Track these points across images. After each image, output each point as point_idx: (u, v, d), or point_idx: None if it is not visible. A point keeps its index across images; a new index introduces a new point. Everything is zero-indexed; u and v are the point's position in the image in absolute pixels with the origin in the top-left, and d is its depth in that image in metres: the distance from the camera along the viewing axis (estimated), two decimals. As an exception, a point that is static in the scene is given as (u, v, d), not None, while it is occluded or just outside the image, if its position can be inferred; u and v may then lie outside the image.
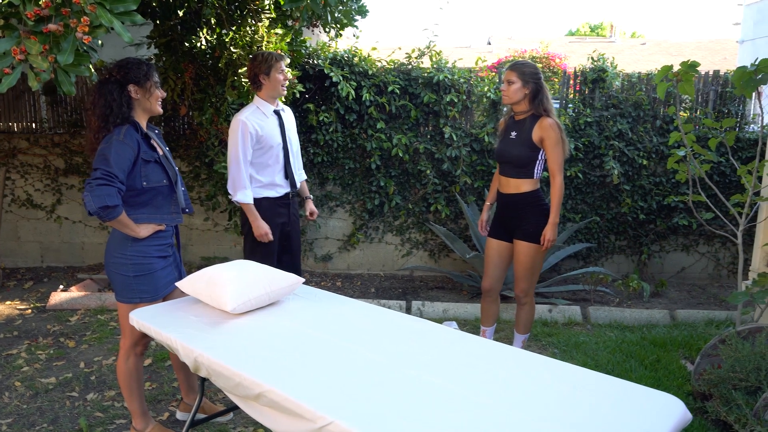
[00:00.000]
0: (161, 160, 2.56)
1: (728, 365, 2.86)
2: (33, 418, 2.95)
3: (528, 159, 3.23)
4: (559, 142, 3.17)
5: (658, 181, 5.35)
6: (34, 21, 1.69)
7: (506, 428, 1.57)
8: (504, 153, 3.31)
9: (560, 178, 3.19)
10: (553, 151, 3.18)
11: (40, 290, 5.03)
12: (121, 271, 2.50)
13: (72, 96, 5.58)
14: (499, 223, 3.42)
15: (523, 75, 3.19)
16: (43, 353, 3.73)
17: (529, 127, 3.22)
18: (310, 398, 1.70)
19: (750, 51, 14.67)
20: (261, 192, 3.34)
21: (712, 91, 5.39)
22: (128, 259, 2.49)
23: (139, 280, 2.51)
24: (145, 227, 2.50)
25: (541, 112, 3.21)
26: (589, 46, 23.34)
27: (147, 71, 2.49)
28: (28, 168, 5.60)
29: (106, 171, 2.30)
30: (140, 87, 2.49)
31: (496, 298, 3.53)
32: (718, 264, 5.55)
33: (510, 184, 3.31)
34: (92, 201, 2.26)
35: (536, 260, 3.32)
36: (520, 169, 3.26)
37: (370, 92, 5.13)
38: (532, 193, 3.28)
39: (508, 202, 3.34)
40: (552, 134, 3.16)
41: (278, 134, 3.33)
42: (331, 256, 5.64)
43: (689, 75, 3.32)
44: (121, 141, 2.38)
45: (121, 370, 2.62)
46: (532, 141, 3.20)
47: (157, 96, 2.56)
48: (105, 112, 2.40)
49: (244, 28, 4.29)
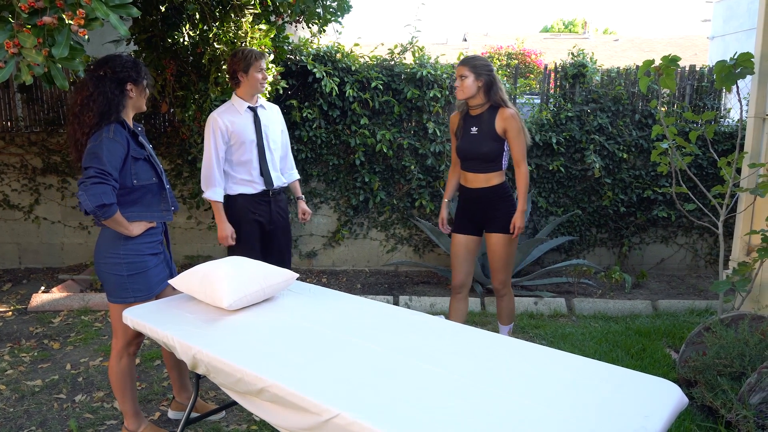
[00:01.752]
0: (150, 158, 2.53)
1: (713, 352, 2.93)
2: (20, 422, 2.89)
3: (497, 152, 3.24)
4: (521, 131, 3.21)
5: (638, 174, 5.45)
6: (28, 13, 1.65)
7: (511, 414, 1.59)
8: (471, 150, 3.28)
9: (525, 166, 3.25)
10: (516, 140, 3.20)
11: (20, 292, 4.93)
12: (114, 270, 2.46)
13: (48, 93, 5.47)
14: (466, 218, 3.41)
15: (475, 68, 3.18)
16: (27, 356, 3.66)
17: (489, 119, 3.23)
18: (314, 391, 1.70)
19: (720, 47, 15.01)
20: (236, 188, 3.33)
21: (689, 86, 5.50)
22: (122, 258, 2.46)
23: (133, 279, 2.48)
24: (137, 225, 2.47)
25: (499, 103, 3.22)
26: (563, 42, 23.62)
27: (144, 71, 2.50)
28: (4, 168, 5.47)
29: (99, 169, 2.26)
30: (136, 86, 2.47)
31: (465, 295, 3.47)
32: (696, 255, 5.67)
33: (478, 178, 3.31)
34: (88, 200, 2.23)
35: (512, 250, 3.36)
36: (489, 164, 3.26)
37: (353, 88, 5.12)
38: (501, 186, 3.31)
39: (477, 196, 3.33)
40: (514, 124, 3.18)
41: (252, 131, 3.30)
42: (316, 253, 5.63)
43: (670, 69, 3.38)
44: (111, 139, 2.35)
45: (114, 371, 2.59)
46: (496, 133, 3.21)
47: (147, 95, 2.57)
48: (103, 109, 2.36)
49: (228, 24, 4.25)
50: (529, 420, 1.57)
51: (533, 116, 5.49)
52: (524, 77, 10.71)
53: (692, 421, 2.79)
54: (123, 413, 2.66)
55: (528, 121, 5.41)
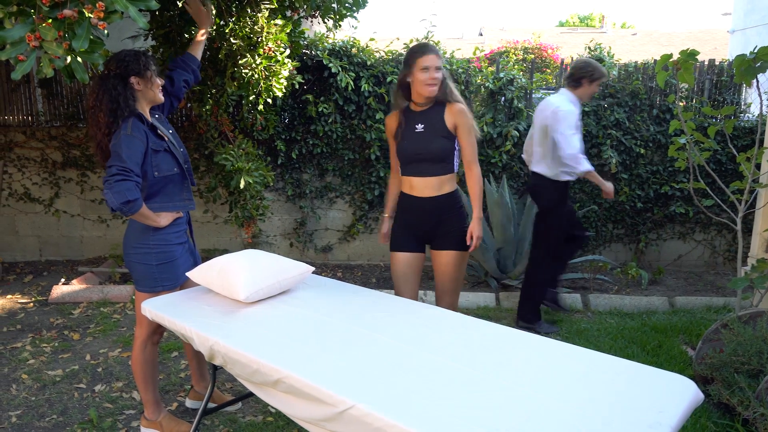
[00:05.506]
0: (170, 148, 2.56)
1: (730, 349, 2.90)
2: (42, 410, 2.95)
3: (449, 150, 2.82)
4: (472, 128, 2.82)
5: (656, 169, 5.40)
6: (49, 7, 1.68)
7: (524, 407, 1.59)
8: (419, 149, 2.82)
9: (477, 167, 2.87)
10: (468, 138, 2.81)
11: (41, 284, 5.02)
12: (143, 260, 2.52)
13: (68, 88, 5.54)
14: (409, 232, 2.93)
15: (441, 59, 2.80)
16: (48, 346, 3.73)
17: (437, 114, 2.81)
18: (330, 383, 1.72)
19: (741, 41, 14.76)
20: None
21: (708, 80, 5.43)
22: (151, 248, 2.51)
23: (162, 269, 2.54)
24: (164, 216, 2.52)
25: (448, 98, 2.82)
26: (580, 36, 23.41)
27: (145, 61, 2.49)
28: (25, 161, 5.56)
29: (120, 167, 2.31)
30: (141, 78, 2.49)
31: None
32: (714, 251, 5.61)
33: (428, 185, 2.83)
34: (113, 198, 2.28)
35: (464, 268, 2.95)
36: (440, 164, 2.82)
37: (368, 83, 5.13)
38: (454, 194, 2.89)
39: (425, 207, 2.86)
40: (466, 120, 2.79)
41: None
42: (331, 247, 5.65)
43: (689, 64, 3.34)
44: (129, 135, 2.39)
45: (138, 360, 2.64)
46: (447, 129, 2.79)
47: (158, 84, 2.56)
48: (112, 107, 2.40)
49: (244, 19, 4.27)
50: (542, 412, 1.57)
51: (549, 111, 5.44)
52: (540, 72, 10.64)
53: (708, 418, 2.77)
54: (143, 402, 2.71)
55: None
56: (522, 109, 5.30)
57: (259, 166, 4.46)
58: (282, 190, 5.51)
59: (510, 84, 5.32)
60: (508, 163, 5.40)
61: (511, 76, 5.33)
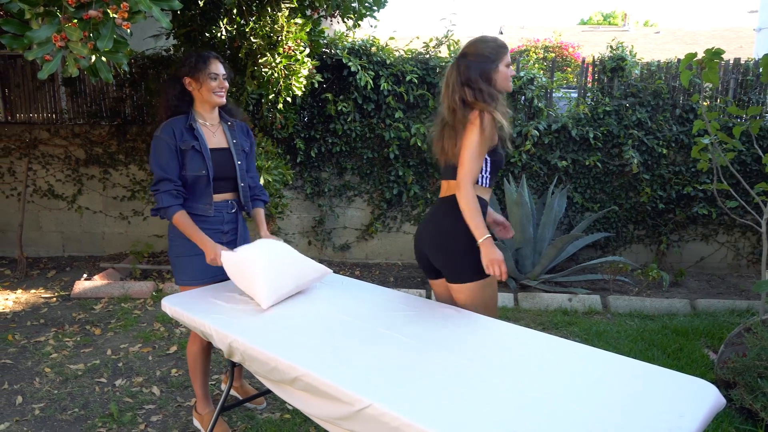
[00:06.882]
0: (201, 149, 2.51)
1: (754, 353, 2.85)
2: (64, 403, 3.00)
3: None
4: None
5: (678, 170, 5.32)
6: (74, 7, 1.71)
7: (541, 408, 1.58)
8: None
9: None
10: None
11: (63, 279, 5.10)
12: (180, 253, 2.59)
13: (91, 87, 5.63)
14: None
15: None
16: (70, 340, 3.79)
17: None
18: (347, 381, 1.72)
19: (767, 39, 14.48)
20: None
21: (733, 80, 5.34)
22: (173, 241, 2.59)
23: (180, 262, 2.59)
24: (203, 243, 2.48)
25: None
26: (602, 35, 23.14)
27: (196, 62, 2.48)
28: (49, 158, 5.66)
29: (155, 177, 2.46)
30: (194, 78, 2.50)
31: None
32: (737, 254, 5.52)
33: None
34: (155, 205, 2.50)
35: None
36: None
37: (388, 82, 5.13)
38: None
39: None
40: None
41: None
42: (350, 246, 5.67)
43: (713, 63, 3.29)
44: (158, 137, 2.47)
45: (189, 353, 2.71)
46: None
47: (211, 86, 2.50)
48: (169, 105, 2.53)
49: (264, 18, 4.30)
50: (560, 414, 1.56)
51: (570, 110, 5.40)
52: (561, 71, 10.56)
53: (730, 423, 2.73)
54: (196, 394, 2.77)
55: (564, 115, 5.34)
56: (542, 108, 5.26)
57: (279, 164, 4.49)
58: (301, 189, 5.53)
59: (530, 83, 5.29)
60: (528, 162, 5.36)
61: (532, 75, 5.29)
